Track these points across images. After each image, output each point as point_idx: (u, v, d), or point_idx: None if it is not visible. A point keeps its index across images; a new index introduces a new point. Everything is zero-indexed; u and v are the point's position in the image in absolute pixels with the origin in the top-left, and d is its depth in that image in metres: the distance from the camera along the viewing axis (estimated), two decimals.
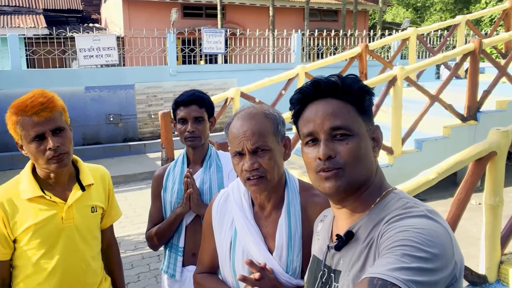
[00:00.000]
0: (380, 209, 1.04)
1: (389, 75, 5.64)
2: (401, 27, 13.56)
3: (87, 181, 1.76)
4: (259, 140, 1.32)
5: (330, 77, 1.10)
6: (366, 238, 1.01)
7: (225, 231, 1.46)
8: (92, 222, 1.77)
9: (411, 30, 8.75)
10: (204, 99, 2.09)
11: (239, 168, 1.34)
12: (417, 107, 6.24)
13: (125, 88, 10.21)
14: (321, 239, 1.21)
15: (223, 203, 1.50)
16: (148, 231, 2.14)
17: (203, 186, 2.05)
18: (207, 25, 14.12)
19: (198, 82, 10.80)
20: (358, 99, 1.07)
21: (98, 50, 9.69)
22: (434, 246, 0.86)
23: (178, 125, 2.09)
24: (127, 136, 10.40)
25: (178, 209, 2.03)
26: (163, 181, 2.14)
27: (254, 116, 1.35)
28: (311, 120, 1.07)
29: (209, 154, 2.13)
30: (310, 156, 1.08)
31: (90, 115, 9.92)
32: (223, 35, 10.73)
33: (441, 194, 6.10)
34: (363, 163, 1.05)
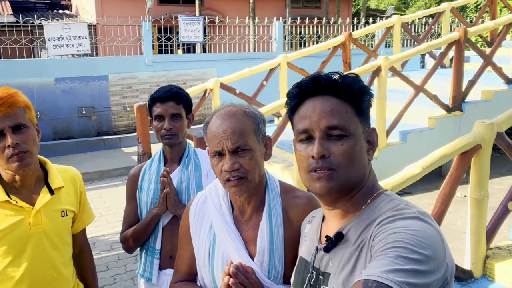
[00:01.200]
0: (371, 211, 1.05)
1: (373, 65, 5.68)
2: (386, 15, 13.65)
3: (56, 184, 1.72)
4: (240, 139, 1.31)
5: (330, 74, 1.10)
6: (357, 240, 1.02)
7: (204, 236, 1.44)
8: (62, 227, 1.73)
9: (395, 18, 8.82)
10: (182, 95, 2.07)
11: (219, 168, 1.33)
12: (401, 97, 6.30)
13: (98, 79, 10.04)
14: (308, 240, 1.22)
15: (201, 207, 1.48)
16: (123, 233, 2.11)
17: (181, 185, 2.03)
18: (184, 12, 13.97)
19: (175, 73, 10.70)
20: (357, 99, 1.08)
21: (68, 39, 9.48)
22: (427, 248, 0.88)
23: (154, 122, 2.07)
24: (101, 130, 10.24)
25: (154, 209, 2.01)
26: (138, 181, 2.12)
27: (234, 115, 1.34)
28: (307, 117, 1.08)
29: (186, 152, 2.11)
30: (302, 153, 1.08)
31: (61, 108, 9.72)
32: (201, 23, 10.63)
33: (426, 187, 6.21)
34: (356, 165, 1.06)
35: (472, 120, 3.35)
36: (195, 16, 11.85)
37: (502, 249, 3.23)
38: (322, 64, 8.24)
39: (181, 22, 10.37)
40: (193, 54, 11.82)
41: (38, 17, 10.89)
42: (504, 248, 3.25)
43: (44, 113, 9.49)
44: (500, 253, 3.16)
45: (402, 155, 5.99)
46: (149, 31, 10.41)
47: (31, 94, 9.28)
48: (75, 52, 9.69)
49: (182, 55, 11.52)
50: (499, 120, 3.18)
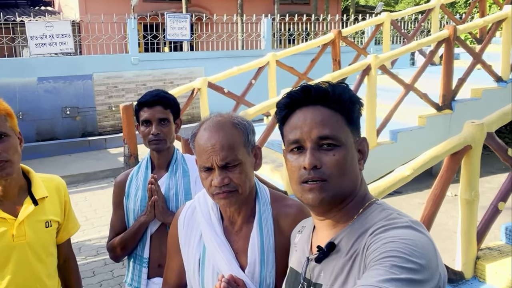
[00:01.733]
0: (363, 220, 1.06)
1: (363, 64, 5.72)
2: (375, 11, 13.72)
3: (40, 194, 1.70)
4: (229, 155, 1.30)
5: (320, 83, 1.11)
6: (349, 250, 1.03)
7: (193, 247, 1.44)
8: (47, 238, 1.71)
9: (385, 15, 8.88)
10: (169, 99, 2.07)
11: (208, 182, 1.32)
12: (392, 96, 6.34)
13: (82, 79, 9.94)
14: (299, 250, 1.22)
15: (190, 217, 1.48)
16: (110, 242, 2.10)
17: (169, 192, 2.03)
18: (170, 9, 13.88)
19: (162, 71, 10.64)
20: (347, 108, 1.09)
21: (51, 38, 9.37)
22: (421, 257, 0.90)
23: (141, 127, 2.06)
24: (86, 131, 10.15)
25: (142, 217, 2.00)
26: (125, 188, 2.11)
27: (223, 127, 1.33)
28: (298, 127, 1.08)
29: (174, 158, 2.10)
30: (294, 164, 1.09)
31: (44, 108, 9.61)
32: (188, 20, 10.58)
33: (417, 186, 6.27)
34: (348, 176, 1.07)
35: (462, 119, 3.39)
36: (181, 13, 11.79)
37: (493, 250, 3.27)
38: (312, 62, 8.28)
39: (168, 19, 10.31)
40: (180, 52, 11.77)
41: (19, 14, 10.75)
42: (495, 248, 3.30)
43: (26, 113, 9.38)
44: (491, 254, 3.21)
45: (393, 154, 6.04)
46: (134, 28, 10.34)
47: (13, 94, 9.17)
48: (58, 51, 9.59)
49: (169, 54, 11.46)
50: (489, 121, 3.22)
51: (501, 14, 6.92)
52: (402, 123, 6.47)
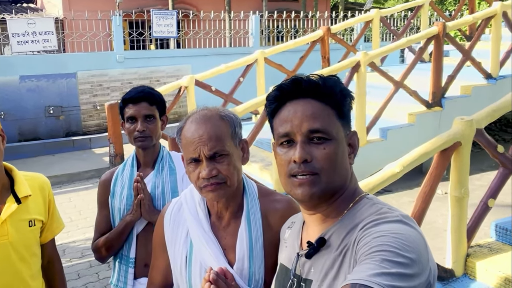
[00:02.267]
0: (353, 215, 1.07)
1: (352, 61, 5.75)
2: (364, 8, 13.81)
3: (23, 192, 1.68)
4: (217, 145, 1.30)
5: (311, 76, 1.11)
6: (340, 245, 1.04)
7: (180, 244, 1.43)
8: (30, 238, 1.70)
9: (374, 12, 8.93)
10: (155, 95, 2.06)
11: (195, 175, 1.32)
12: (381, 93, 6.38)
13: (66, 77, 9.85)
14: (289, 246, 1.23)
15: (176, 214, 1.47)
16: (95, 242, 2.09)
17: (155, 190, 2.02)
18: (156, 6, 13.81)
19: (148, 69, 10.59)
20: (338, 102, 1.09)
21: (34, 35, 9.28)
22: (411, 251, 0.91)
23: (126, 124, 2.05)
24: (70, 130, 10.07)
25: (128, 216, 2.00)
26: (110, 187, 2.09)
27: (210, 119, 1.34)
28: (288, 120, 1.08)
29: (161, 155, 2.10)
30: (283, 158, 1.09)
31: (27, 107, 9.52)
32: (174, 17, 10.54)
33: (407, 184, 6.32)
34: (338, 170, 1.07)
35: (452, 116, 3.42)
36: (168, 10, 11.74)
37: (483, 247, 3.31)
38: (301, 59, 8.29)
39: (154, 16, 10.27)
40: (167, 50, 11.72)
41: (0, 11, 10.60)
42: (485, 246, 3.34)
43: (8, 113, 9.27)
44: (481, 251, 3.25)
45: (383, 152, 6.08)
46: (119, 26, 10.27)
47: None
48: (41, 49, 9.49)
49: (155, 51, 11.41)
50: (479, 117, 3.26)
51: (490, 11, 7.01)
52: (392, 120, 6.52)
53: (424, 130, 6.34)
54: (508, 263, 3.08)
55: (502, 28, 7.13)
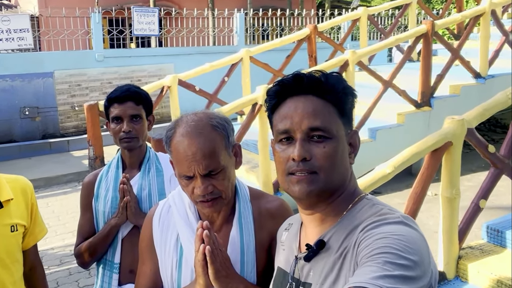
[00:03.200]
0: (353, 216, 1.08)
1: (340, 60, 5.80)
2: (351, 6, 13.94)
3: (5, 196, 1.66)
4: (212, 163, 1.29)
5: (313, 72, 1.12)
6: (340, 247, 1.05)
7: (170, 249, 1.43)
8: (12, 243, 1.68)
9: (361, 10, 9.02)
10: (142, 94, 2.06)
11: (189, 190, 1.32)
12: (370, 93, 6.44)
13: (42, 77, 9.72)
14: (287, 249, 1.23)
15: (165, 216, 1.47)
16: (77, 247, 2.07)
17: (142, 192, 2.02)
18: (137, 3, 13.71)
19: (129, 68, 10.51)
20: (340, 100, 1.10)
21: (8, 33, 9.14)
22: (414, 254, 0.92)
23: (111, 124, 2.04)
24: (47, 132, 9.93)
25: (113, 220, 1.98)
26: (94, 189, 2.08)
27: (202, 133, 1.30)
28: (288, 117, 1.09)
29: (147, 156, 2.09)
30: (282, 155, 1.09)
31: (1, 108, 9.36)
32: (156, 14, 10.49)
33: (397, 186, 6.39)
34: (338, 169, 1.08)
35: (441, 116, 3.47)
36: (149, 7, 11.68)
37: (474, 249, 3.37)
38: (287, 58, 8.33)
39: (135, 14, 10.20)
40: (148, 48, 11.66)
41: None
42: (477, 247, 3.39)
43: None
44: (473, 253, 3.30)
45: (372, 153, 6.13)
46: (99, 23, 10.18)
47: None
48: (16, 47, 9.35)
49: (137, 50, 11.33)
50: (469, 116, 3.31)
51: (479, 9, 7.13)
52: (381, 120, 6.58)
53: (413, 130, 6.41)
54: (500, 264, 3.13)
55: (490, 27, 7.25)
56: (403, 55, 6.76)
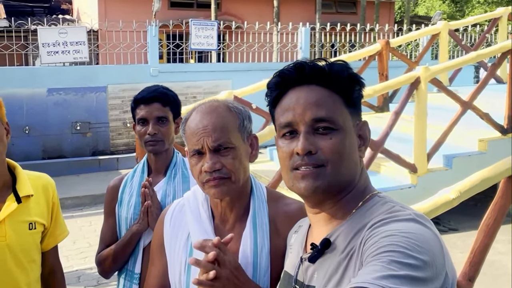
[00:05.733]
0: (362, 214, 1.07)
1: (411, 77, 5.70)
2: (432, 21, 13.68)
3: (25, 192, 1.76)
4: (222, 136, 1.35)
5: (316, 60, 1.14)
6: (346, 248, 1.05)
7: (179, 248, 1.47)
8: (29, 242, 1.76)
9: (441, 25, 8.84)
10: (169, 96, 2.14)
11: (198, 169, 1.37)
12: (446, 115, 6.27)
13: (96, 91, 10.29)
14: (294, 252, 1.24)
15: (177, 215, 1.52)
16: (99, 254, 2.15)
17: (166, 199, 2.07)
18: (198, 17, 14.28)
19: (184, 84, 10.86)
20: (346, 88, 1.11)
21: (64, 45, 9.79)
22: (423, 253, 0.91)
23: (137, 126, 2.13)
24: (97, 149, 10.45)
25: (134, 226, 2.05)
26: (118, 194, 2.16)
27: (216, 109, 1.39)
28: (290, 109, 1.11)
29: (174, 161, 2.16)
30: (285, 150, 1.11)
31: (52, 122, 9.98)
32: (215, 28, 10.85)
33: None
34: (346, 162, 1.09)
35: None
36: (208, 20, 12.09)
37: None
38: None
39: (192, 27, 10.61)
40: (205, 63, 12.04)
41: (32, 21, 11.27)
42: None
43: (33, 128, 9.75)
44: None
45: (447, 183, 5.87)
46: (155, 36, 10.67)
47: (20, 106, 9.58)
48: (71, 60, 9.98)
49: (193, 65, 11.72)
50: None
51: None
52: (459, 147, 6.36)
53: (497, 159, 6.08)
54: None
55: None
56: (486, 73, 6.52)
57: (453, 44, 12.10)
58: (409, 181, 5.84)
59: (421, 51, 9.94)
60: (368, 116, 7.85)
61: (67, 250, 5.92)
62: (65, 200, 7.89)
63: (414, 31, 10.00)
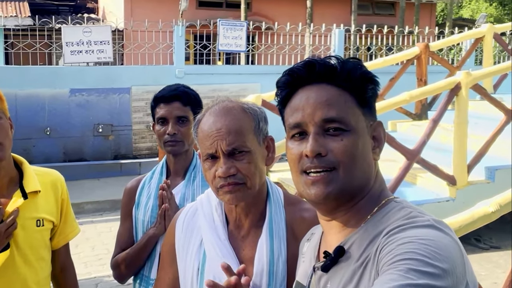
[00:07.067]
0: (378, 221, 1.07)
1: (450, 82, 5.63)
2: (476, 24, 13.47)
3: (32, 187, 1.81)
4: (237, 140, 1.36)
5: (327, 58, 1.15)
6: (361, 256, 1.04)
7: (192, 254, 1.48)
8: (37, 239, 1.81)
9: (486, 28, 8.71)
10: (190, 95, 2.17)
11: (211, 174, 1.38)
12: (488, 125, 6.17)
13: (119, 92, 10.45)
14: (306, 260, 1.24)
15: (190, 220, 1.53)
16: (114, 258, 2.19)
17: (184, 202, 2.09)
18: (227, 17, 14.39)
19: (210, 87, 10.92)
20: (358, 87, 1.12)
21: (88, 45, 9.98)
22: (443, 261, 0.90)
23: (156, 126, 2.17)
24: (119, 152, 10.59)
25: (151, 230, 2.08)
26: (135, 196, 2.20)
27: (230, 111, 1.40)
28: (299, 109, 1.12)
29: (193, 163, 2.18)
30: (294, 152, 1.11)
31: (74, 124, 10.17)
32: (244, 29, 10.90)
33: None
34: (359, 165, 1.09)
35: None
36: (237, 21, 12.16)
37: None
38: (390, 81, 8.22)
39: (220, 27, 10.69)
40: (233, 66, 12.10)
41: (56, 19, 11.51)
42: None
43: (54, 129, 9.96)
44: None
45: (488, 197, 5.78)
46: (181, 37, 10.78)
47: (42, 107, 9.82)
48: (95, 60, 10.17)
49: (220, 67, 11.79)
50: None
51: None
52: (502, 158, 6.23)
53: None
54: None
55: None
56: None
57: (499, 49, 11.89)
58: (447, 194, 5.75)
59: (463, 56, 9.79)
60: (404, 124, 7.80)
61: (86, 256, 6.03)
62: (84, 205, 8.04)
63: (456, 35, 9.86)
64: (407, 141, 5.76)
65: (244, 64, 12.42)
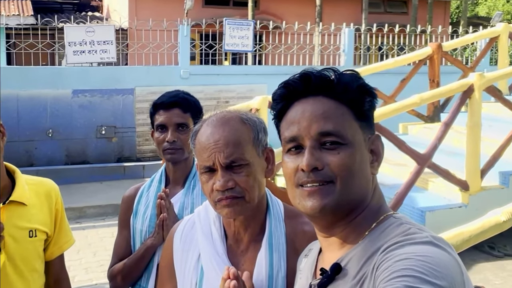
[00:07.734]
0: (376, 237, 1.07)
1: (463, 84, 5.60)
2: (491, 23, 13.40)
3: (19, 198, 1.81)
4: (235, 152, 1.36)
5: (324, 70, 1.15)
6: (358, 273, 1.05)
7: (190, 269, 1.48)
8: (30, 250, 1.81)
9: (501, 27, 8.66)
10: (190, 101, 2.18)
11: (209, 187, 1.38)
12: (503, 128, 6.13)
13: (122, 93, 10.49)
14: (303, 277, 1.24)
15: (188, 233, 1.53)
16: (111, 268, 2.20)
17: (183, 212, 2.09)
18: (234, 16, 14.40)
19: (216, 88, 10.96)
20: (355, 100, 1.12)
21: (91, 44, 10.01)
22: (441, 278, 0.90)
23: (156, 133, 2.17)
24: (122, 155, 10.63)
25: (149, 240, 2.08)
26: (133, 204, 2.21)
27: (228, 122, 1.40)
28: (295, 122, 1.12)
29: (193, 172, 2.18)
30: (290, 166, 1.12)
31: (77, 126, 10.21)
32: (251, 28, 10.90)
33: None
34: (357, 179, 1.09)
35: None
36: (244, 20, 12.16)
37: None
38: (402, 82, 8.21)
39: (227, 26, 10.69)
40: (239, 66, 12.10)
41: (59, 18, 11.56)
42: None
43: (56, 131, 10.01)
44: None
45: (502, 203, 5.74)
46: (186, 36, 10.80)
47: (44, 108, 9.88)
48: (98, 60, 10.21)
49: (226, 67, 11.81)
50: None
51: None
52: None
53: None
54: None
55: None
56: None
57: None
58: (459, 199, 5.71)
59: (477, 56, 9.74)
60: (416, 126, 7.77)
61: (87, 262, 6.04)
62: (86, 209, 8.07)
63: (470, 34, 9.81)
64: (418, 144, 5.73)
65: (251, 65, 12.42)
